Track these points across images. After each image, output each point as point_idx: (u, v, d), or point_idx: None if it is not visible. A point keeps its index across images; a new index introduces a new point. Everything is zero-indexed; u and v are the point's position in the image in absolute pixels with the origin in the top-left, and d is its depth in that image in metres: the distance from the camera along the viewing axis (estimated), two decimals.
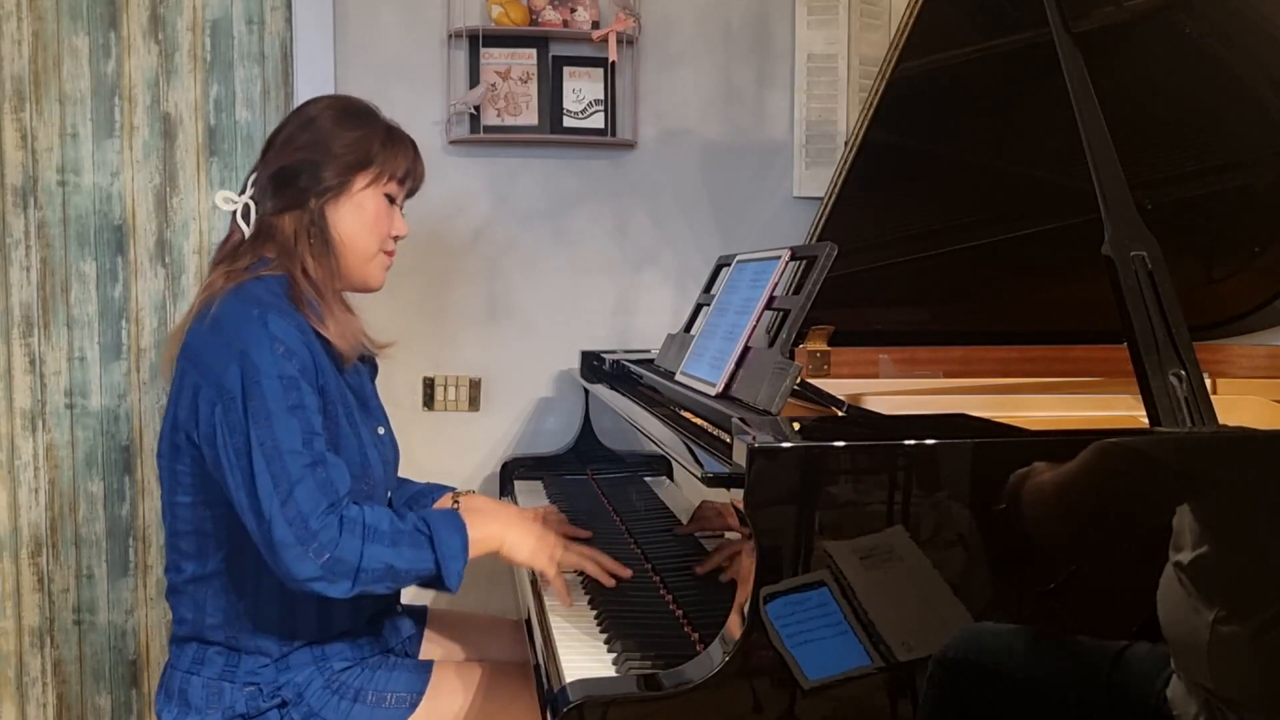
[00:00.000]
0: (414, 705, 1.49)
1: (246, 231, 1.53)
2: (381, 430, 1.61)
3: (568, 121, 2.45)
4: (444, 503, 1.79)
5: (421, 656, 1.69)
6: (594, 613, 1.45)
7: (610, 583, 1.51)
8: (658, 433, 1.49)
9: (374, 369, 1.69)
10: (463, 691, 1.52)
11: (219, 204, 1.56)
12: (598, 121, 2.46)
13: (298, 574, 1.32)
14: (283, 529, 1.31)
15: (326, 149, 1.51)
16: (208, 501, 1.45)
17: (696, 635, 1.32)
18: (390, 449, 1.63)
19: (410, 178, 1.60)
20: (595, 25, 2.43)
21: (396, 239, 1.60)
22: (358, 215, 1.54)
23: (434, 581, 1.40)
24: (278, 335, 1.39)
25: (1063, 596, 1.16)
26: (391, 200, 1.58)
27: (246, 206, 1.53)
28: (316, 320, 1.47)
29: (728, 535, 1.46)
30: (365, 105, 1.60)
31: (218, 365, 1.38)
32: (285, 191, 1.51)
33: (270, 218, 1.52)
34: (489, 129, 2.42)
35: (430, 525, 1.41)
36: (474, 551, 1.42)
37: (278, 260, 1.50)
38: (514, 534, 1.49)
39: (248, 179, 1.57)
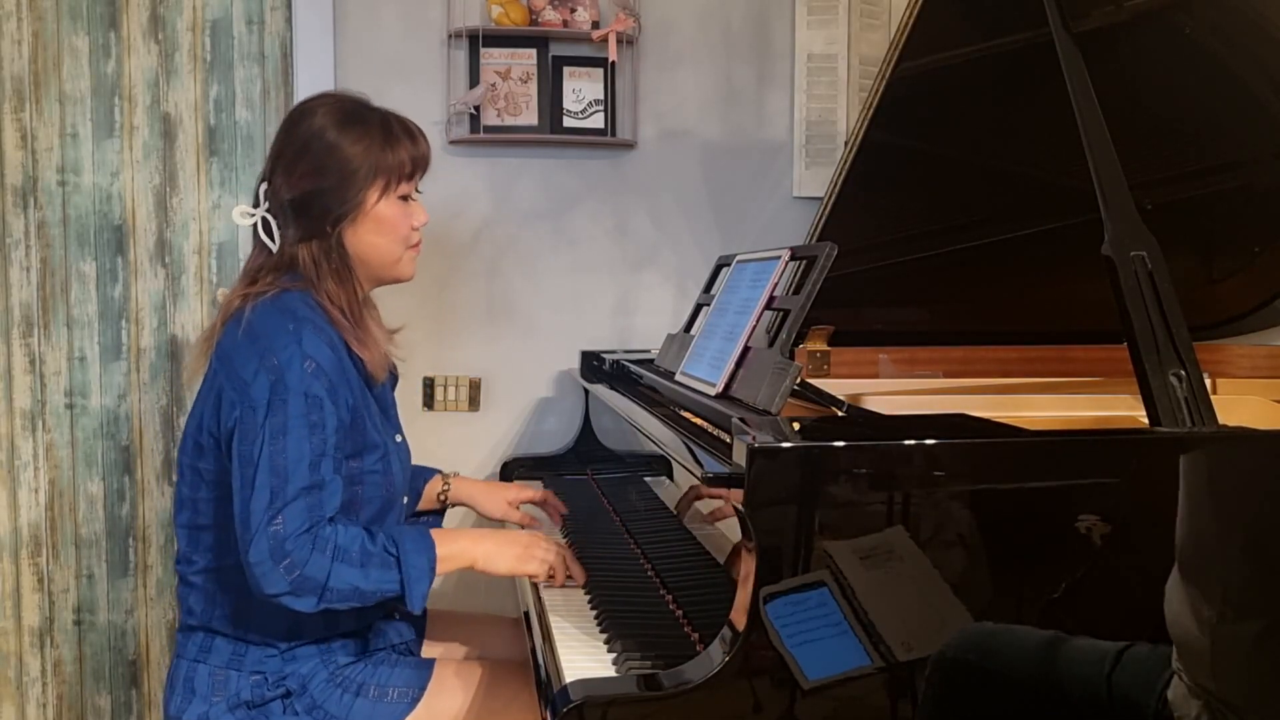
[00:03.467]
0: (415, 701, 1.50)
1: (272, 246, 1.54)
2: (399, 438, 1.64)
3: (568, 121, 2.45)
4: (434, 485, 1.86)
5: (423, 655, 1.70)
6: (594, 613, 1.45)
7: (559, 583, 1.53)
8: (658, 433, 1.49)
9: (395, 379, 1.71)
10: (464, 689, 1.53)
11: (236, 219, 1.57)
12: (598, 121, 2.45)
13: (267, 588, 1.36)
14: (261, 546, 1.35)
15: (334, 170, 1.51)
16: (230, 498, 1.46)
17: (696, 635, 1.32)
18: (406, 455, 1.67)
19: (417, 167, 1.59)
20: (595, 25, 2.43)
21: (418, 229, 1.61)
22: (376, 229, 1.55)
23: (399, 602, 1.43)
24: (309, 353, 1.42)
25: (1063, 597, 1.16)
26: (406, 198, 1.58)
27: (265, 220, 1.54)
28: (351, 338, 1.50)
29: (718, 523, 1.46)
30: (358, 104, 1.58)
31: (247, 373, 1.41)
32: (301, 221, 1.52)
33: (289, 247, 1.53)
34: (489, 129, 2.42)
35: (399, 547, 1.43)
36: (442, 569, 1.45)
37: (301, 286, 1.51)
38: (485, 548, 1.50)
39: (258, 190, 1.57)
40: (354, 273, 1.55)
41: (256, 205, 1.56)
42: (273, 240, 1.54)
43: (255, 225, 1.55)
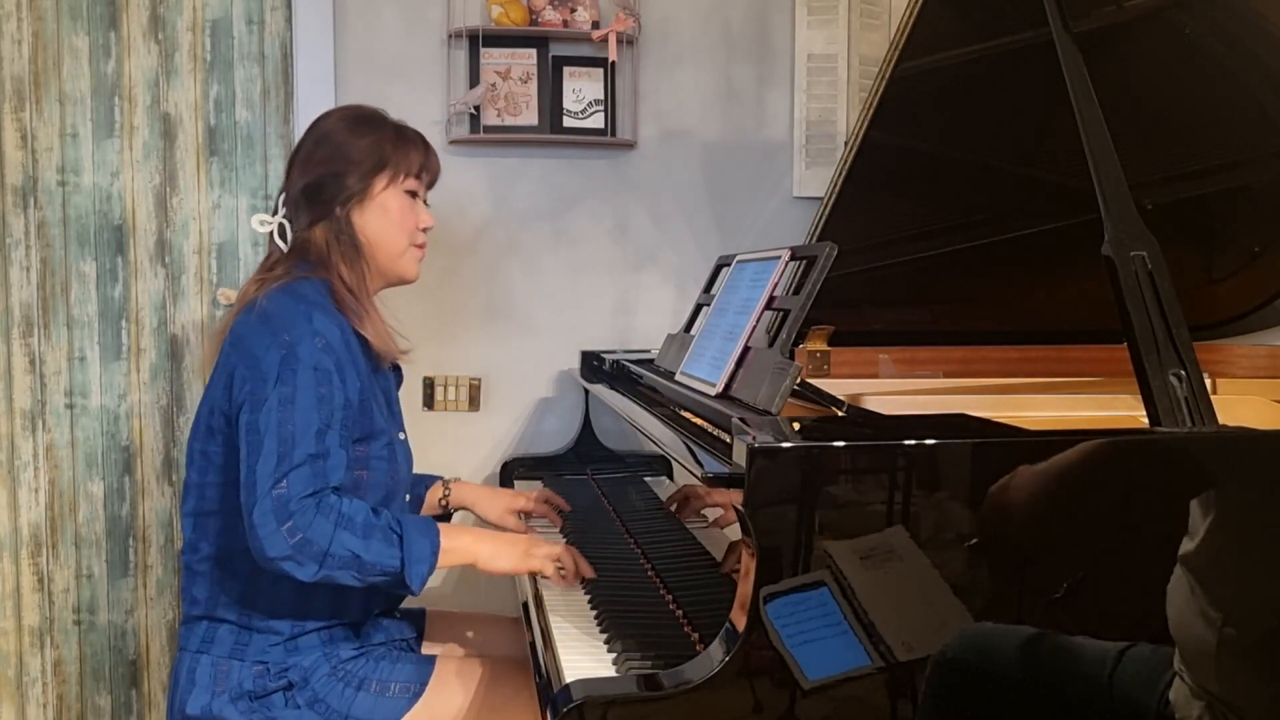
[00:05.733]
0: (416, 697, 1.51)
1: (283, 247, 1.63)
2: (402, 435, 1.68)
3: (568, 121, 2.45)
4: (435, 491, 1.89)
5: (423, 654, 1.70)
6: (594, 613, 1.45)
7: (569, 583, 1.54)
8: (658, 433, 1.49)
9: (400, 378, 1.76)
10: (464, 687, 1.54)
11: (255, 226, 1.67)
12: (598, 121, 2.46)
13: (269, 551, 1.38)
14: (266, 509, 1.38)
15: (344, 158, 1.62)
16: (237, 482, 1.48)
17: (696, 635, 1.32)
18: (409, 453, 1.70)
19: (425, 171, 1.70)
20: (595, 25, 2.43)
21: (425, 231, 1.70)
22: (383, 216, 1.64)
23: (398, 581, 1.44)
24: (319, 330, 1.49)
25: (1063, 597, 1.16)
26: (414, 195, 1.67)
27: (281, 226, 1.63)
28: (357, 322, 1.56)
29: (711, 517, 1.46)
30: (372, 111, 1.70)
31: (259, 349, 1.47)
32: (312, 206, 1.63)
33: (303, 233, 1.62)
34: (489, 129, 2.42)
35: (403, 526, 1.45)
36: (444, 561, 1.46)
37: (314, 270, 1.60)
38: (486, 548, 1.52)
39: (278, 200, 1.67)
40: (362, 255, 1.62)
41: (274, 214, 1.66)
42: (285, 244, 1.62)
43: (272, 231, 1.64)
